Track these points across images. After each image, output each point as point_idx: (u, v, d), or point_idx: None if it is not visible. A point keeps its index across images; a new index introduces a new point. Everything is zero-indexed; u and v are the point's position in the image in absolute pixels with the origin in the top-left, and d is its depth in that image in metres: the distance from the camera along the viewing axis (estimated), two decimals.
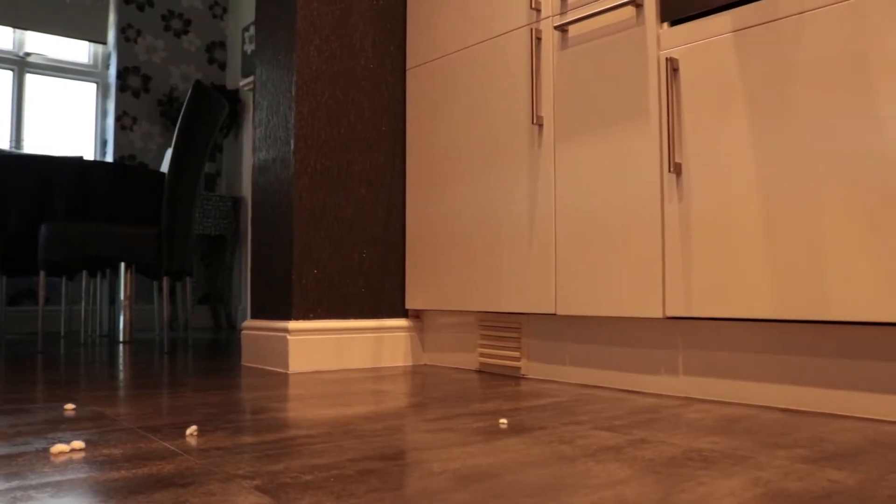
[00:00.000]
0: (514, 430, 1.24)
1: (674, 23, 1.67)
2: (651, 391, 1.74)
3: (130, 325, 3.65)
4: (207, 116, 3.12)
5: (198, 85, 3.02)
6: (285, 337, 2.21)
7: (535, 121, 1.93)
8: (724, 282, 1.53)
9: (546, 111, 1.94)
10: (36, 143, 4.88)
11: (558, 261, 1.88)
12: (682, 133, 1.62)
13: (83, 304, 3.80)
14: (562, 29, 1.88)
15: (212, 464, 0.99)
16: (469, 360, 2.27)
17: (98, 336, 4.04)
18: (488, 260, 2.11)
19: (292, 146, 2.26)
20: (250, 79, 5.00)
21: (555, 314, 1.91)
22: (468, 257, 2.19)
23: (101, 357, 2.72)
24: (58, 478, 0.92)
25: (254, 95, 2.53)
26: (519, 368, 2.07)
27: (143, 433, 1.21)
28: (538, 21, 1.99)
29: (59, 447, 1.07)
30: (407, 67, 2.49)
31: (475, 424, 1.30)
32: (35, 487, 0.88)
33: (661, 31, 1.68)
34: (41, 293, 2.91)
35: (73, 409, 1.46)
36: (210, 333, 4.38)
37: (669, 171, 1.61)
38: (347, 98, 2.37)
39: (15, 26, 4.73)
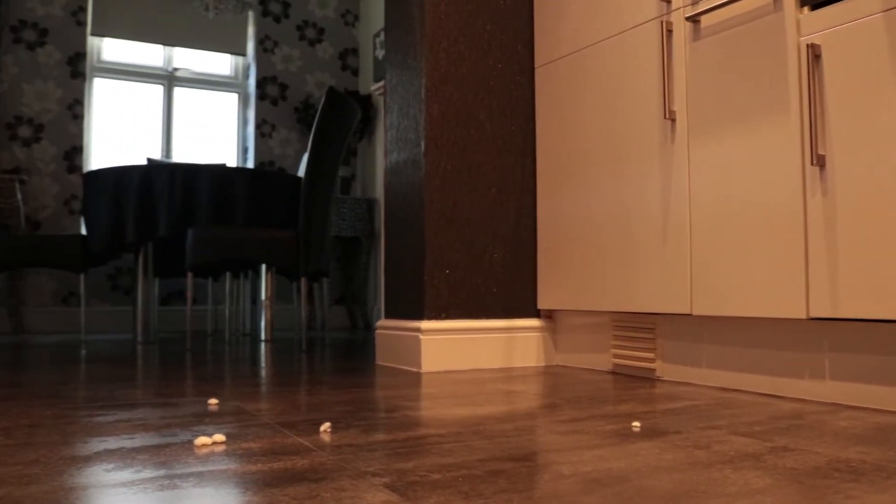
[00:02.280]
0: (647, 433, 1.21)
1: (814, 7, 1.58)
2: (795, 396, 1.65)
3: (271, 324, 3.82)
4: (341, 121, 3.21)
5: (331, 91, 3.12)
6: (417, 337, 2.24)
7: (667, 115, 1.87)
8: (874, 280, 1.44)
9: (679, 105, 1.88)
10: (183, 152, 5.19)
11: (693, 259, 1.82)
12: (825, 123, 1.53)
13: (226, 304, 4.01)
14: (693, 20, 1.82)
15: (344, 460, 1.03)
16: (602, 360, 2.23)
17: (241, 334, 4.24)
18: (621, 259, 2.07)
19: (423, 148, 2.30)
20: (381, 83, 5.12)
21: (690, 314, 1.85)
22: (601, 256, 2.15)
23: (244, 355, 2.86)
24: (200, 468, 0.97)
25: (384, 99, 2.59)
26: (653, 370, 2.01)
27: (280, 429, 1.27)
28: (669, 13, 1.93)
29: (202, 439, 1.13)
30: (535, 66, 2.47)
31: (607, 427, 1.27)
32: (180, 477, 0.93)
33: (800, 16, 1.60)
34: (189, 294, 3.09)
35: (217, 404, 1.54)
36: (347, 333, 4.51)
37: (812, 163, 1.53)
38: (476, 99, 2.38)
39: (165, 44, 5.05)
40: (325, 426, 1.26)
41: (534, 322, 2.41)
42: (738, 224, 1.71)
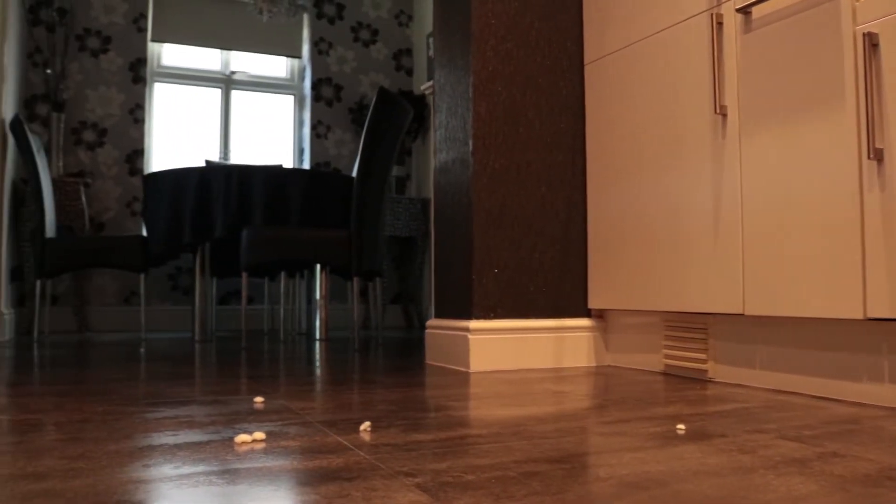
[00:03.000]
0: (692, 436, 1.18)
1: None
2: (851, 399, 1.59)
3: (326, 323, 3.86)
4: (392, 121, 3.22)
5: (382, 91, 3.13)
6: (466, 336, 2.24)
7: (717, 110, 1.82)
8: None
9: (729, 100, 1.83)
10: (241, 154, 5.28)
11: (745, 258, 1.77)
12: (882, 116, 1.47)
13: (282, 303, 4.07)
14: (744, 11, 1.77)
15: (379, 459, 1.02)
16: (653, 361, 2.19)
17: (297, 333, 4.30)
18: (672, 257, 2.03)
19: (471, 147, 2.29)
20: (431, 83, 5.13)
21: (742, 314, 1.80)
22: (651, 255, 2.11)
23: (296, 354, 2.89)
24: (237, 465, 0.98)
25: (433, 99, 2.59)
26: (706, 371, 1.97)
27: (321, 427, 1.27)
28: (719, 5, 1.88)
29: (242, 437, 1.14)
30: (584, 63, 2.44)
31: (651, 429, 1.25)
32: (216, 473, 0.94)
33: (856, 3, 1.54)
34: (244, 293, 3.14)
35: (263, 402, 1.56)
36: (402, 332, 4.53)
37: (869, 157, 1.47)
38: (525, 97, 2.36)
39: (222, 48, 5.15)
40: (365, 425, 1.26)
41: (584, 322, 2.38)
42: (791, 221, 1.66)
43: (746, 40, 1.78)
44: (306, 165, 5.33)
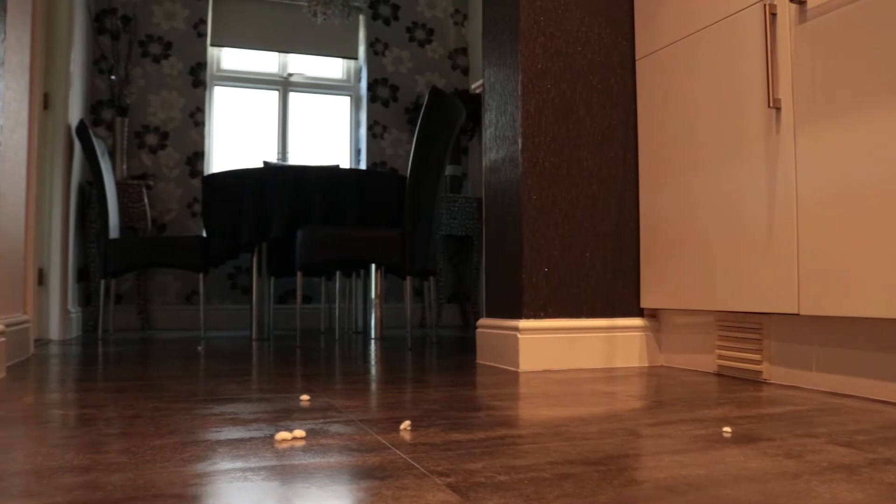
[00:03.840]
0: (738, 439, 1.15)
1: None
2: None
3: (381, 322, 3.88)
4: (445, 121, 3.22)
5: (434, 91, 3.13)
6: (515, 335, 2.22)
7: (771, 104, 1.77)
8: None
9: (784, 93, 1.77)
10: (299, 155, 5.36)
11: (800, 256, 1.72)
12: None
13: (336, 302, 4.10)
14: (799, 1, 1.72)
15: (415, 459, 1.02)
16: (707, 362, 2.14)
17: (353, 332, 4.33)
18: (725, 255, 1.98)
19: (520, 145, 2.28)
20: (480, 81, 5.11)
21: (798, 314, 1.74)
22: (704, 253, 2.07)
23: (349, 352, 2.92)
24: (274, 462, 0.99)
25: (483, 98, 2.58)
26: (760, 372, 1.91)
27: (362, 426, 1.28)
28: None
29: (282, 434, 1.15)
30: (636, 58, 2.40)
31: (696, 431, 1.22)
32: (252, 470, 0.95)
33: None
34: (299, 293, 3.18)
35: (308, 400, 1.58)
36: (458, 331, 4.53)
37: None
38: (575, 94, 2.34)
39: (279, 51, 5.22)
40: (405, 424, 1.26)
41: (636, 321, 2.34)
42: (850, 217, 1.60)
43: (802, 31, 1.73)
44: (363, 166, 5.37)
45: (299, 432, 1.18)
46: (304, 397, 1.59)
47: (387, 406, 1.51)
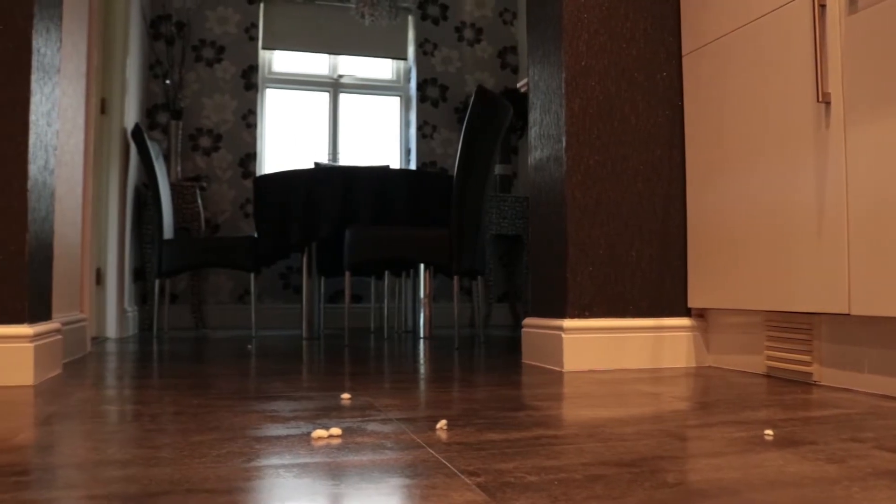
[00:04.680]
0: (779, 443, 1.12)
1: None
2: None
3: (430, 321, 3.89)
4: (491, 120, 3.22)
5: (480, 90, 3.13)
6: (560, 335, 2.21)
7: (820, 98, 1.73)
8: None
9: (833, 87, 1.72)
10: (349, 156, 5.40)
11: (851, 254, 1.67)
12: None
13: (384, 301, 4.13)
14: None
15: (448, 458, 1.02)
16: (756, 363, 2.10)
17: (403, 332, 4.35)
18: (773, 254, 1.93)
19: (564, 143, 2.26)
20: (525, 80, 5.08)
21: (848, 314, 1.69)
22: (752, 251, 2.02)
23: (396, 351, 2.93)
24: (307, 460, 1.01)
25: (528, 96, 2.57)
26: (810, 374, 1.87)
27: (400, 424, 1.28)
28: None
29: (318, 432, 1.17)
30: (682, 54, 2.36)
31: (736, 434, 1.19)
32: (285, 467, 0.97)
33: None
34: (347, 292, 3.21)
35: (349, 399, 1.59)
36: (508, 331, 4.52)
37: None
38: (619, 91, 2.31)
39: (330, 53, 5.28)
40: (441, 423, 1.26)
41: (684, 321, 2.31)
42: None
43: (852, 22, 1.68)
44: (413, 166, 5.40)
45: (336, 430, 1.19)
46: (345, 396, 1.61)
47: (426, 405, 1.51)
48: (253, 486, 0.87)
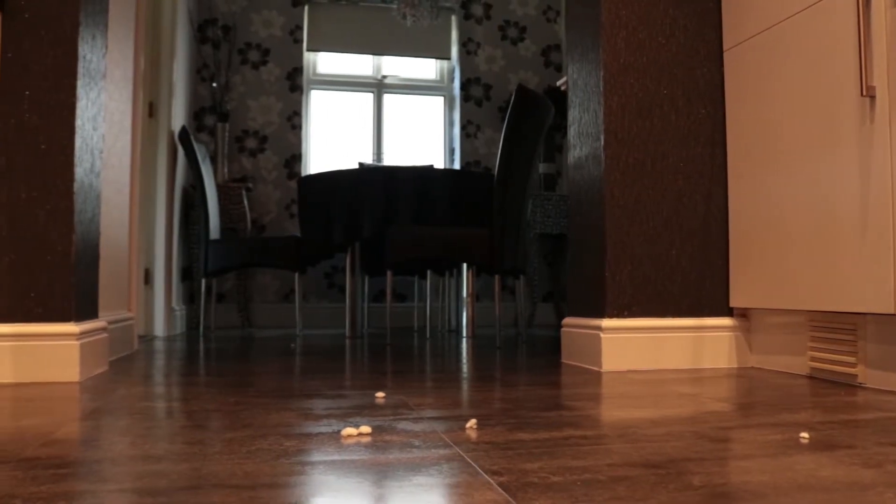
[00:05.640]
0: (814, 446, 1.10)
1: None
2: None
3: (472, 320, 3.89)
4: (532, 119, 3.21)
5: (520, 89, 3.12)
6: (598, 335, 2.19)
7: (864, 92, 1.68)
8: None
9: (878, 80, 1.68)
10: (394, 156, 5.43)
11: None
12: None
13: (427, 301, 4.14)
14: None
15: (474, 457, 1.02)
16: (799, 364, 2.05)
17: (447, 331, 4.36)
18: (817, 252, 1.89)
19: (602, 142, 2.24)
20: (565, 78, 5.04)
21: (895, 314, 1.65)
22: (796, 250, 1.98)
23: (437, 350, 2.94)
24: (334, 457, 1.02)
25: (567, 95, 2.55)
26: (855, 376, 1.82)
27: (429, 423, 1.29)
28: None
29: (348, 430, 1.18)
30: (724, 49, 2.32)
31: (771, 436, 1.17)
32: (311, 464, 0.98)
33: None
34: (388, 291, 3.23)
35: (383, 397, 1.60)
36: (552, 331, 4.50)
37: None
38: (659, 88, 2.28)
39: (374, 54, 5.32)
40: (472, 423, 1.26)
41: (725, 321, 2.27)
42: None
43: None
44: (457, 165, 5.40)
45: (365, 428, 1.20)
46: (380, 394, 1.62)
47: (459, 404, 1.51)
48: (277, 483, 0.89)
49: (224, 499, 0.82)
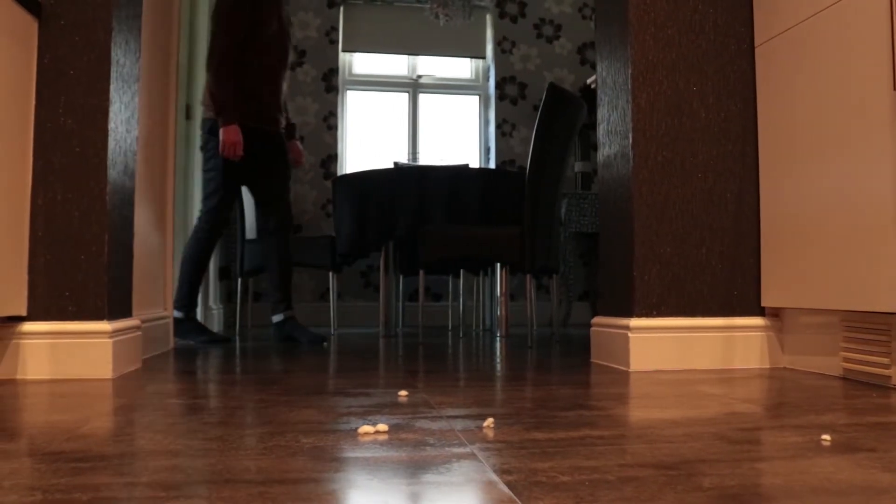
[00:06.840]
0: (835, 448, 1.08)
1: None
2: None
3: (506, 319, 3.89)
4: (564, 117, 3.19)
5: (552, 87, 3.11)
6: (626, 334, 2.17)
7: (895, 86, 1.65)
8: None
9: None
10: (429, 155, 5.45)
11: None
12: None
13: (460, 299, 4.14)
14: None
15: (486, 456, 1.03)
16: (832, 365, 2.01)
17: (481, 330, 4.36)
18: (850, 251, 1.85)
19: (631, 140, 2.23)
20: (594, 77, 5.00)
21: None
22: (828, 248, 1.95)
23: (469, 350, 2.94)
24: (348, 455, 1.03)
25: (596, 93, 2.54)
26: (889, 377, 1.78)
27: (447, 421, 1.29)
28: None
29: (365, 428, 1.19)
30: (755, 44, 2.29)
31: (791, 438, 1.15)
32: (325, 461, 0.99)
33: None
34: (420, 290, 3.24)
35: (406, 396, 1.61)
36: (586, 330, 4.47)
37: None
38: (688, 85, 2.26)
39: (409, 53, 5.34)
40: (489, 422, 1.27)
41: (757, 321, 2.24)
42: None
43: None
44: (492, 164, 5.40)
45: (382, 426, 1.21)
46: (402, 393, 1.63)
47: (480, 403, 1.52)
48: (287, 479, 0.90)
49: (234, 493, 0.84)
